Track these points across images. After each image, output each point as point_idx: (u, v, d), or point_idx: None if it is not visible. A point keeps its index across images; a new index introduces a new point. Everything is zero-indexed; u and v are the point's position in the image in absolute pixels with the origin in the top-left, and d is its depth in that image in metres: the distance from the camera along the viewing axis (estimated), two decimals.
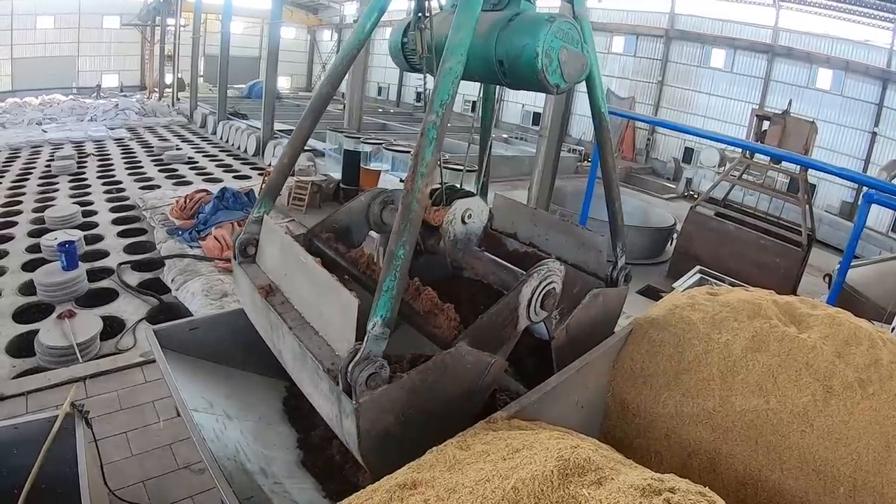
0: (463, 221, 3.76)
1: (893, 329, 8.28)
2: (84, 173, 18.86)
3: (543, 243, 4.44)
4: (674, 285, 8.65)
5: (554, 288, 3.26)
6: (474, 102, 4.94)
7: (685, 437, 3.44)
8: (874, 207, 9.94)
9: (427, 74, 3.70)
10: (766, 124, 14.86)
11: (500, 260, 3.70)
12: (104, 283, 10.39)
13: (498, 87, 4.37)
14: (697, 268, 9.38)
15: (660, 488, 1.96)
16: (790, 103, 15.37)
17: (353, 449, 2.79)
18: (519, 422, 2.82)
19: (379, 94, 53.25)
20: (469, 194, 3.87)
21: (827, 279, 11.86)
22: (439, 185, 3.73)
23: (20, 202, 15.44)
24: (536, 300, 3.19)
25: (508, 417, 2.81)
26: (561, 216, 5.94)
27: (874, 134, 27.22)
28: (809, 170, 13.59)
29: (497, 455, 2.30)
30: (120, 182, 17.96)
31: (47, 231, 12.39)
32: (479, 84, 4.21)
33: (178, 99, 37.79)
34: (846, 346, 3.54)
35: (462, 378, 2.96)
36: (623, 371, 3.70)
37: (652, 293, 11.02)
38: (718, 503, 1.97)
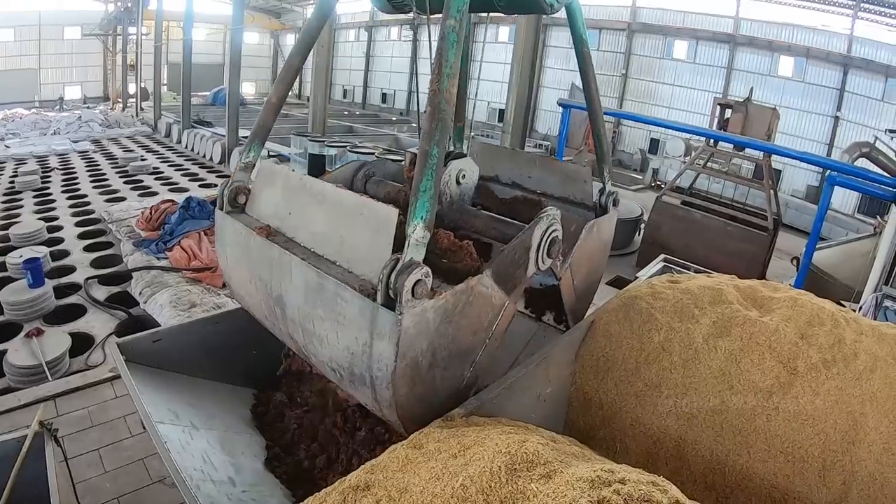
0: (458, 182, 3.81)
1: (861, 308, 8.45)
2: (49, 188, 18.52)
3: (527, 181, 4.52)
4: (637, 274, 8.71)
5: (557, 236, 3.33)
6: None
7: (650, 427, 3.48)
8: (841, 191, 10.11)
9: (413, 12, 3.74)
10: (728, 112, 15.04)
11: (498, 216, 3.79)
12: (72, 299, 10.21)
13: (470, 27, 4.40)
14: (662, 256, 9.45)
15: (609, 479, 1.98)
16: (752, 91, 15.57)
17: (380, 383, 2.70)
18: (477, 418, 2.82)
19: (344, 96, 53.19)
20: (461, 155, 3.90)
21: (795, 262, 12.05)
22: None
23: None
24: (544, 246, 3.25)
25: (467, 414, 2.81)
26: None
27: (837, 118, 27.73)
28: (773, 155, 13.79)
29: (448, 453, 2.31)
30: (85, 196, 17.69)
31: (12, 248, 12.13)
32: None
33: (141, 109, 37.25)
34: (809, 327, 3.60)
35: (483, 315, 2.96)
36: (585, 363, 3.73)
37: (621, 283, 11.10)
38: (671, 491, 1.98)
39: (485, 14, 3.85)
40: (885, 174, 13.62)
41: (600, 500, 1.84)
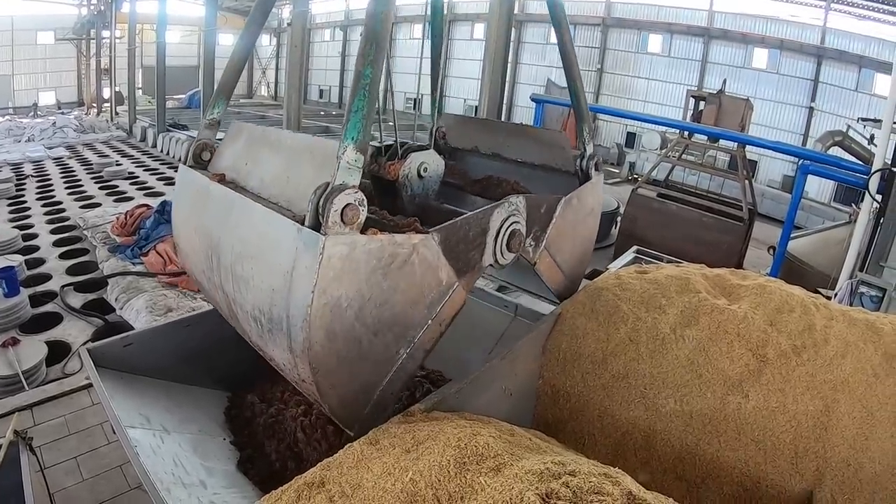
0: (419, 175, 3.72)
1: (836, 294, 8.56)
2: (23, 196, 18.35)
3: (506, 150, 4.47)
4: (609, 266, 8.74)
5: (518, 229, 3.27)
6: (416, 100, 4.95)
7: (618, 418, 3.47)
8: (817, 180, 10.21)
9: None
10: (702, 104, 15.12)
11: (460, 209, 3.66)
12: (48, 308, 10.15)
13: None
14: (634, 248, 9.50)
15: (559, 472, 1.98)
16: (724, 83, 15.65)
17: (295, 322, 2.48)
18: (439, 413, 2.79)
19: (321, 96, 52.91)
20: (423, 148, 3.84)
21: (771, 251, 12.16)
22: (394, 142, 3.70)
23: None
24: (503, 238, 3.19)
25: (427, 410, 2.78)
26: None
27: (811, 109, 27.99)
28: (748, 146, 13.89)
29: (401, 448, 2.31)
30: (60, 203, 17.52)
31: None
32: (419, 72, 4.22)
33: (116, 113, 36.85)
34: (778, 314, 3.59)
35: (426, 286, 2.83)
36: (552, 357, 3.73)
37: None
38: (623, 482, 1.98)
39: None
40: (858, 162, 13.81)
41: (548, 493, 1.84)
